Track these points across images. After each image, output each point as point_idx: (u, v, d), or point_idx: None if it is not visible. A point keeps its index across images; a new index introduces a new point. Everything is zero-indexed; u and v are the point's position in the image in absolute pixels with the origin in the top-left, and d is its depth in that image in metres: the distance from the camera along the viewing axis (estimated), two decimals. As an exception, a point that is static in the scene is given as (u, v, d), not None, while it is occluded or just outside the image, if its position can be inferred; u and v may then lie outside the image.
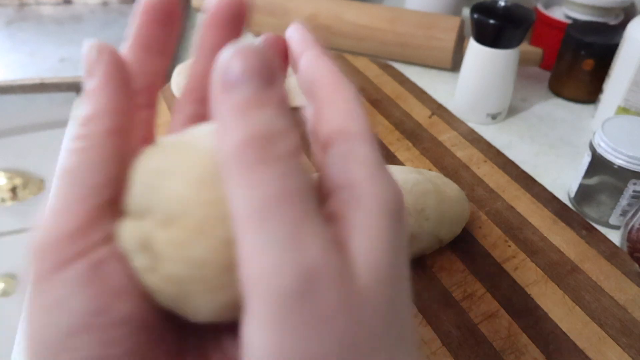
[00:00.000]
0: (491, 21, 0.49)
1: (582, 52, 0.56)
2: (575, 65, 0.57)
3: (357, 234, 0.14)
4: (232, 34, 0.19)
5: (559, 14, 0.63)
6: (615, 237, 0.42)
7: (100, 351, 0.14)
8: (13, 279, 0.78)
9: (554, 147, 0.53)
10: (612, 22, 0.60)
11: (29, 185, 0.71)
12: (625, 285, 0.37)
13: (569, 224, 0.41)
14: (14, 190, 0.71)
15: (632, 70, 0.49)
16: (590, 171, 0.43)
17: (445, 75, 0.64)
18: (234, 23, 0.19)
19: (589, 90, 0.58)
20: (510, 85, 0.54)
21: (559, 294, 0.36)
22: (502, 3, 0.51)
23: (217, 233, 0.14)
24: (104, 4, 0.78)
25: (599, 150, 0.41)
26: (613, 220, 0.43)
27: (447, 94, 0.60)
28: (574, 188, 0.45)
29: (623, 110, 0.51)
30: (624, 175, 0.40)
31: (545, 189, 0.45)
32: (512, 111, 0.58)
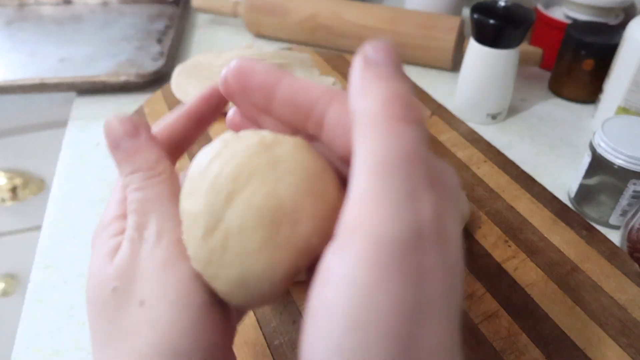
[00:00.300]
0: (491, 21, 0.49)
1: (582, 52, 0.56)
2: (575, 65, 0.57)
3: (446, 213, 0.15)
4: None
5: (559, 14, 0.63)
6: (615, 237, 0.42)
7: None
8: (13, 279, 0.78)
9: (554, 147, 0.53)
10: (612, 22, 0.60)
11: (29, 185, 0.71)
12: (625, 285, 0.37)
13: (569, 224, 0.41)
14: (14, 190, 0.71)
15: (632, 70, 0.49)
16: (590, 171, 0.43)
17: (445, 75, 0.64)
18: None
19: (589, 90, 0.58)
20: (510, 85, 0.54)
21: (559, 294, 0.36)
22: (502, 3, 0.51)
23: (196, 233, 0.18)
24: (104, 4, 0.78)
25: (599, 150, 0.41)
26: (613, 220, 0.43)
27: (447, 94, 0.60)
28: (574, 188, 0.45)
29: (623, 110, 0.51)
30: (624, 175, 0.40)
31: (545, 189, 0.45)
32: (512, 111, 0.58)
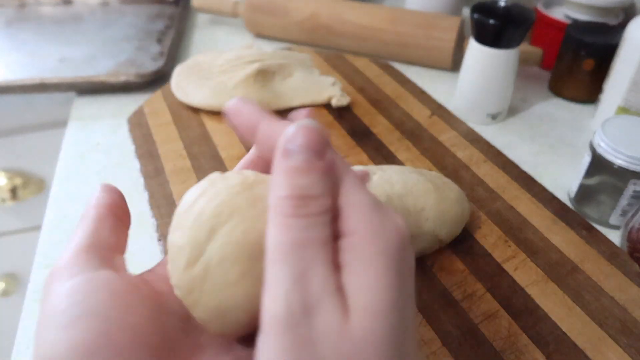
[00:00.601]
0: (491, 21, 0.49)
1: (582, 52, 0.56)
2: (575, 65, 0.57)
3: (353, 278, 0.16)
4: None
5: (559, 14, 0.63)
6: (615, 237, 0.42)
7: (95, 340, 0.17)
8: (13, 279, 0.78)
9: (554, 147, 0.53)
10: (612, 22, 0.60)
11: (29, 185, 0.71)
12: (625, 285, 0.37)
13: (569, 224, 0.41)
14: (14, 190, 0.71)
15: (632, 70, 0.49)
16: (590, 171, 0.43)
17: (445, 75, 0.64)
18: None
19: (589, 90, 0.58)
20: (510, 85, 0.54)
21: (559, 294, 0.36)
22: (502, 3, 0.51)
23: (179, 263, 0.19)
24: (104, 4, 0.78)
25: (599, 150, 0.41)
26: (613, 220, 0.43)
27: (447, 94, 0.60)
28: (574, 188, 0.45)
29: (623, 110, 0.51)
30: (624, 175, 0.40)
31: (545, 189, 0.45)
32: (512, 111, 0.58)
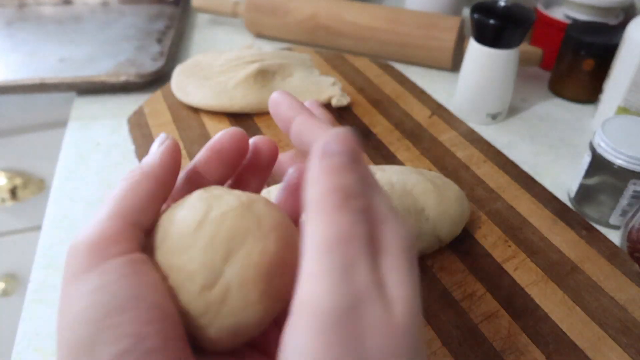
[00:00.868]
0: (491, 21, 0.49)
1: (582, 52, 0.56)
2: (575, 65, 0.57)
3: (390, 273, 0.17)
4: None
5: (559, 14, 0.63)
6: (615, 237, 0.42)
7: (139, 329, 0.17)
8: (13, 279, 0.78)
9: (554, 147, 0.53)
10: (612, 22, 0.60)
11: (29, 185, 0.71)
12: (625, 285, 0.37)
13: (569, 224, 0.41)
14: (14, 190, 0.71)
15: (632, 70, 0.49)
16: (590, 171, 0.43)
17: (445, 75, 0.64)
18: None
19: (589, 90, 0.58)
20: (510, 85, 0.54)
21: (559, 294, 0.36)
22: (502, 3, 0.51)
23: (187, 287, 0.19)
24: (104, 4, 0.78)
25: (599, 150, 0.41)
26: (613, 220, 0.43)
27: (447, 94, 0.60)
28: (574, 188, 0.45)
29: (623, 110, 0.51)
30: (624, 175, 0.40)
31: (545, 189, 0.45)
32: (512, 111, 0.58)
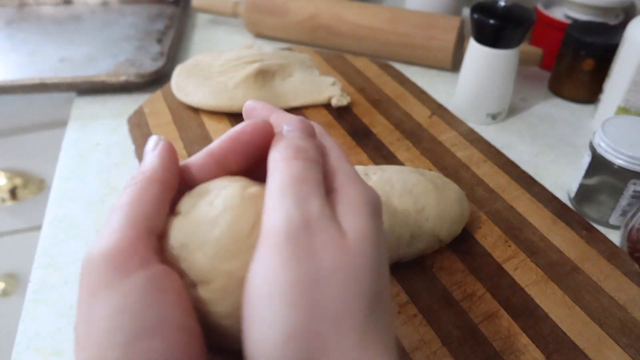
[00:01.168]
0: (491, 21, 0.49)
1: (582, 52, 0.56)
2: (575, 65, 0.57)
3: (345, 214, 0.19)
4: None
5: (559, 14, 0.63)
6: (615, 237, 0.42)
7: (168, 353, 0.16)
8: (13, 279, 0.78)
9: (554, 147, 0.53)
10: (612, 22, 0.60)
11: (29, 185, 0.71)
12: (625, 285, 0.37)
13: (569, 224, 0.41)
14: (14, 190, 0.71)
15: (632, 70, 0.49)
16: (590, 171, 0.43)
17: (445, 75, 0.64)
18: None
19: (589, 90, 0.58)
20: (510, 85, 0.54)
21: (559, 294, 0.36)
22: (502, 3, 0.51)
23: (237, 293, 0.18)
24: (104, 4, 0.78)
25: (599, 150, 0.41)
26: (613, 220, 0.43)
27: (447, 94, 0.60)
28: (574, 188, 0.45)
29: (623, 110, 0.51)
30: (624, 175, 0.40)
31: (545, 189, 0.45)
32: (512, 111, 0.58)
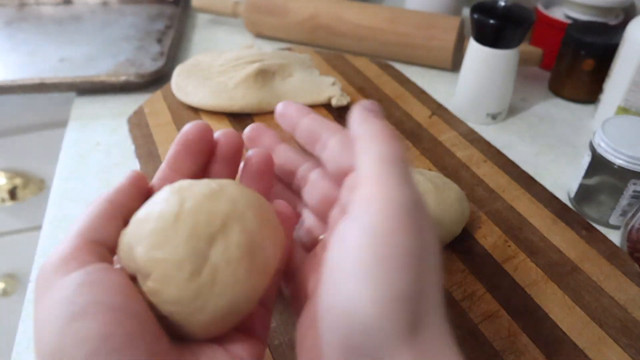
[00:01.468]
0: (491, 21, 0.49)
1: (582, 52, 0.56)
2: (575, 65, 0.57)
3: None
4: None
5: (559, 14, 0.63)
6: (615, 237, 0.42)
7: (101, 330, 0.18)
8: (13, 279, 0.78)
9: (554, 147, 0.53)
10: (612, 22, 0.60)
11: (29, 185, 0.71)
12: (625, 285, 0.37)
13: (569, 224, 0.41)
14: (14, 190, 0.71)
15: (632, 70, 0.49)
16: (590, 171, 0.43)
17: (445, 75, 0.64)
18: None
19: (589, 90, 0.58)
20: (510, 85, 0.54)
21: (559, 294, 0.36)
22: (502, 3, 0.51)
23: (177, 277, 0.20)
24: (104, 4, 0.78)
25: (599, 150, 0.41)
26: (613, 220, 0.43)
27: (447, 94, 0.60)
28: (574, 188, 0.45)
29: (623, 110, 0.51)
30: (624, 175, 0.40)
31: (545, 189, 0.45)
32: (512, 111, 0.58)
